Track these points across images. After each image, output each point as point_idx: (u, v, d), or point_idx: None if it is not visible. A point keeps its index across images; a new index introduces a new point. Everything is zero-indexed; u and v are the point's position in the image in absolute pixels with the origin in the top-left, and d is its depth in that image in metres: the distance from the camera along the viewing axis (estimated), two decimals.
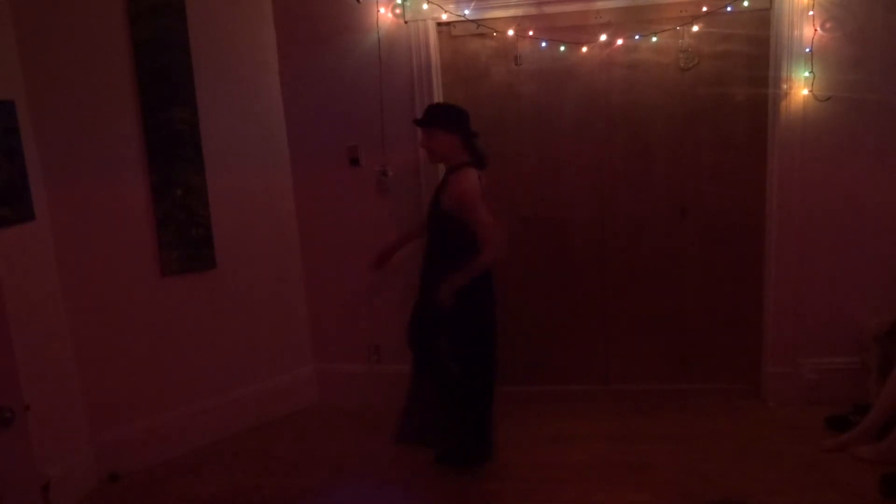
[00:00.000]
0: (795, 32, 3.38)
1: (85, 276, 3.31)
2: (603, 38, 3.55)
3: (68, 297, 3.27)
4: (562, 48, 3.60)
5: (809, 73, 3.39)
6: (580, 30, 3.59)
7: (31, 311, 3.07)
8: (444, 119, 3.08)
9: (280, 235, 3.96)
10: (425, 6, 3.58)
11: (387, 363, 4.05)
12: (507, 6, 3.58)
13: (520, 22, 3.60)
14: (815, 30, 3.36)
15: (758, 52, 3.53)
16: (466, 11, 3.57)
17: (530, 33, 3.60)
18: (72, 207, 3.25)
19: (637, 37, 3.55)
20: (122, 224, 3.39)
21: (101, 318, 3.36)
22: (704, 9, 3.45)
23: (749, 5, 3.43)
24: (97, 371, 3.37)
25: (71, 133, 3.21)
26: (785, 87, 3.44)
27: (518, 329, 3.90)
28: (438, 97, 3.72)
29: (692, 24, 3.49)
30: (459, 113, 3.11)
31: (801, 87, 3.42)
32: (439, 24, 3.68)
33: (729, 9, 3.43)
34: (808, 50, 3.37)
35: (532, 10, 3.58)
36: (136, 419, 3.51)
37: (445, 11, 3.57)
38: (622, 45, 3.57)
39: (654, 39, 3.54)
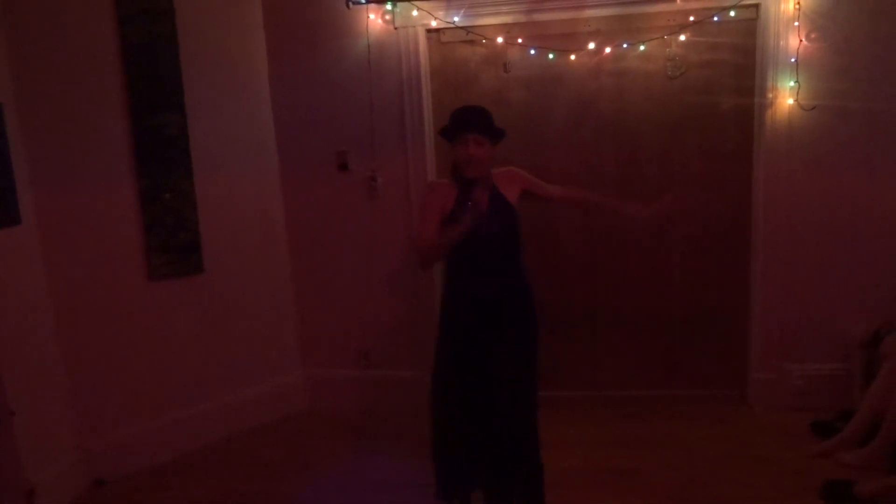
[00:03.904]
0: (781, 42, 3.42)
1: (72, 281, 3.29)
2: (592, 46, 3.57)
3: (55, 301, 3.26)
4: (551, 56, 3.62)
5: (795, 82, 3.42)
6: (569, 37, 3.61)
7: (18, 315, 3.05)
8: (499, 134, 2.80)
9: (269, 240, 3.96)
10: (415, 13, 3.59)
11: (375, 368, 4.05)
12: (496, 13, 3.60)
13: (509, 29, 3.63)
14: (801, 40, 3.39)
15: (744, 62, 3.57)
16: (456, 18, 3.59)
17: (519, 41, 3.62)
18: (59, 211, 3.23)
19: (625, 45, 3.57)
20: (109, 228, 3.38)
21: (88, 323, 3.35)
22: (692, 18, 3.48)
23: (736, 15, 3.46)
24: (84, 376, 3.35)
25: (59, 136, 3.20)
26: (770, 96, 3.48)
27: None
28: (428, 104, 3.73)
29: (680, 33, 3.52)
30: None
31: (786, 96, 3.45)
32: (429, 31, 3.69)
33: (716, 18, 3.46)
34: (793, 60, 3.40)
35: (521, 18, 3.60)
36: (122, 424, 3.49)
37: (435, 18, 3.59)
38: (611, 53, 3.59)
39: (643, 48, 3.57)
